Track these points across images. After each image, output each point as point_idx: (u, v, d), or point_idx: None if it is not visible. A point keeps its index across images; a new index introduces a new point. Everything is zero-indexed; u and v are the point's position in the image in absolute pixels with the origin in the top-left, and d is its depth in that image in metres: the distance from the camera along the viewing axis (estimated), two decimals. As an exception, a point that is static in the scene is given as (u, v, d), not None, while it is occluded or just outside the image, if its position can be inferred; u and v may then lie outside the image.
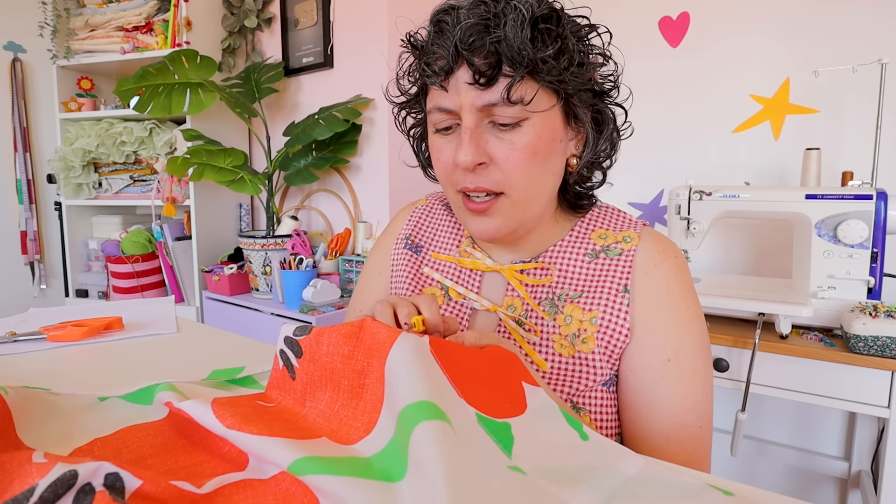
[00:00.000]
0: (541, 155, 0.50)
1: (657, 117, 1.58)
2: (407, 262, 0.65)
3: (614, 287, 0.54)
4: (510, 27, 0.45)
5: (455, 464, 0.29)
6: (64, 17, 1.89)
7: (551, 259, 0.58)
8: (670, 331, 0.52)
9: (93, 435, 0.38)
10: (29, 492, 0.25)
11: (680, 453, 0.51)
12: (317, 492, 0.30)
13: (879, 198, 1.03)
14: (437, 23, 0.50)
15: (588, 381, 0.52)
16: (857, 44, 1.31)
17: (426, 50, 0.51)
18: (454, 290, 0.60)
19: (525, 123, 0.49)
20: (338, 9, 1.80)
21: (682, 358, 0.52)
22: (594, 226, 0.59)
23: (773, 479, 1.53)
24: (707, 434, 0.53)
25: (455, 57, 0.48)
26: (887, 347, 0.94)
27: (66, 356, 0.62)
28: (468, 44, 0.46)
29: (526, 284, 0.57)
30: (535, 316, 0.55)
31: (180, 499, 0.29)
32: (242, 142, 2.08)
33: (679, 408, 0.51)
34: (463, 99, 0.49)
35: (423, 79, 0.54)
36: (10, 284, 2.11)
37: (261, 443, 0.33)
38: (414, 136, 0.64)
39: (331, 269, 1.72)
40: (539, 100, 0.49)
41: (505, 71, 0.47)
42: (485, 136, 0.50)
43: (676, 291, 0.54)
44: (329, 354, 0.40)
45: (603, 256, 0.56)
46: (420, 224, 0.68)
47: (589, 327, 0.53)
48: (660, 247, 0.56)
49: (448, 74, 0.49)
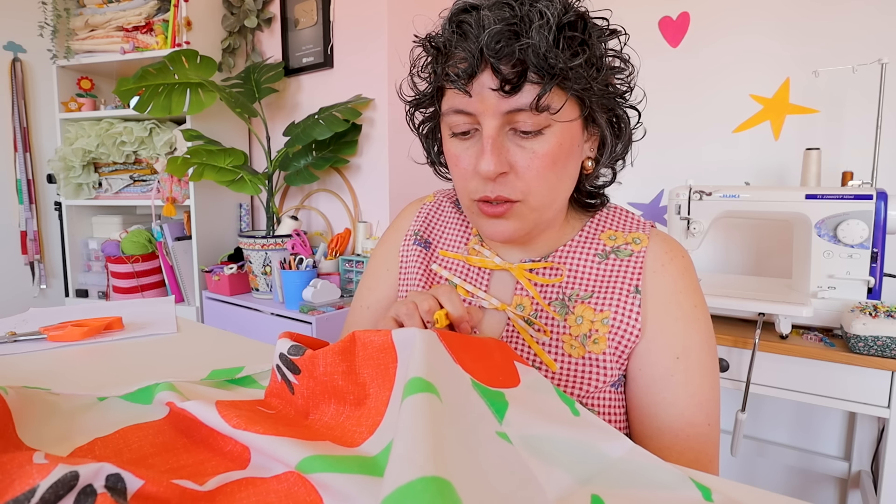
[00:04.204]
0: (560, 162, 0.50)
1: (657, 117, 1.58)
2: (417, 257, 0.64)
3: (626, 288, 0.54)
4: (536, 33, 0.44)
5: (435, 428, 0.29)
6: (64, 17, 1.89)
7: (561, 259, 0.57)
8: (678, 329, 0.53)
9: (93, 435, 0.38)
10: (30, 493, 0.25)
11: (688, 451, 0.50)
12: (322, 490, 0.30)
13: (879, 198, 1.03)
14: (459, 24, 0.48)
15: (598, 383, 0.52)
16: (857, 44, 1.31)
17: (447, 52, 0.49)
18: (462, 287, 0.60)
19: (547, 131, 0.48)
20: (338, 9, 1.80)
21: (690, 355, 0.52)
22: (604, 226, 0.59)
23: (773, 479, 1.53)
24: (715, 432, 0.53)
25: (479, 61, 0.46)
26: (887, 347, 0.94)
27: (66, 356, 0.62)
28: (496, 50, 0.45)
29: (536, 284, 0.57)
30: (546, 316, 0.55)
31: (182, 497, 0.29)
32: (242, 142, 2.08)
33: (688, 406, 0.51)
34: (486, 104, 0.47)
35: (441, 80, 0.52)
36: (10, 284, 2.11)
37: (268, 442, 0.33)
38: (422, 133, 0.63)
39: (331, 269, 1.72)
40: (566, 109, 0.48)
41: (531, 78, 0.45)
42: (506, 145, 0.49)
43: (684, 290, 0.54)
44: (328, 374, 0.40)
45: (613, 257, 0.56)
46: (429, 220, 0.67)
47: (601, 328, 0.53)
48: (667, 247, 0.56)
49: (471, 78, 0.47)
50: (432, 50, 0.52)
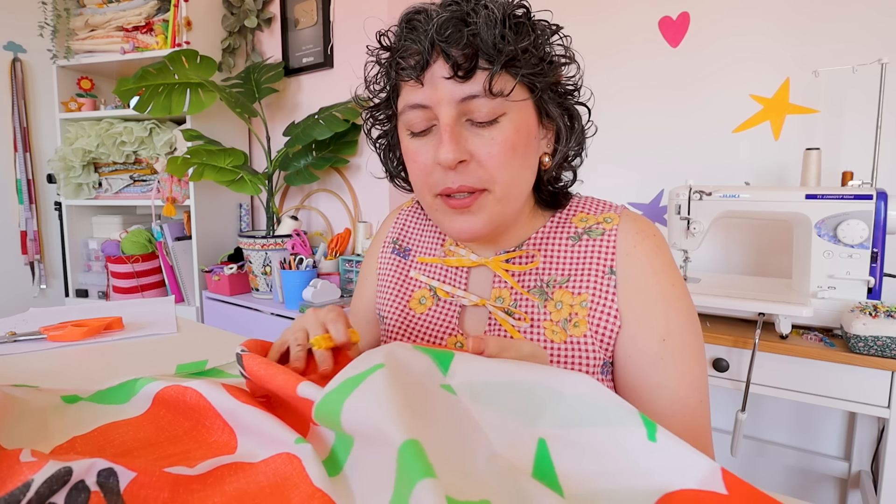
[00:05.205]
0: (520, 150, 0.51)
1: (657, 117, 1.58)
2: (393, 266, 0.66)
3: (600, 269, 0.54)
4: (483, 22, 0.46)
5: (384, 383, 0.30)
6: (64, 17, 1.89)
7: (535, 245, 0.58)
8: (660, 311, 0.53)
9: (70, 433, 0.38)
10: (25, 487, 0.25)
11: (685, 431, 0.51)
12: (307, 462, 0.31)
13: (879, 198, 1.03)
14: (409, 21, 0.50)
15: (582, 367, 0.53)
16: (857, 44, 1.31)
17: (398, 47, 0.51)
18: (441, 289, 0.61)
19: (502, 119, 0.49)
20: (338, 9, 1.80)
21: (675, 335, 0.53)
22: (575, 211, 0.60)
23: (773, 479, 1.53)
24: (706, 407, 0.53)
25: (430, 50, 0.48)
26: (887, 347, 0.94)
27: (66, 356, 0.62)
28: (445, 37, 0.47)
29: (512, 273, 0.58)
30: (526, 304, 0.56)
31: (176, 484, 0.29)
32: (242, 142, 2.08)
33: (680, 385, 0.52)
34: (441, 93, 0.48)
35: (395, 77, 0.53)
36: (10, 284, 2.11)
37: (271, 420, 0.35)
38: (380, 147, 0.63)
39: (331, 269, 1.72)
40: (517, 92, 0.49)
41: (482, 64, 0.47)
42: (463, 134, 0.50)
43: (660, 270, 0.54)
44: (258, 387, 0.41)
45: (586, 238, 0.56)
46: (406, 227, 0.69)
47: (580, 311, 0.53)
48: (637, 226, 0.56)
49: (423, 69, 0.49)
50: (384, 52, 0.54)
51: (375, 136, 0.62)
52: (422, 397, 0.32)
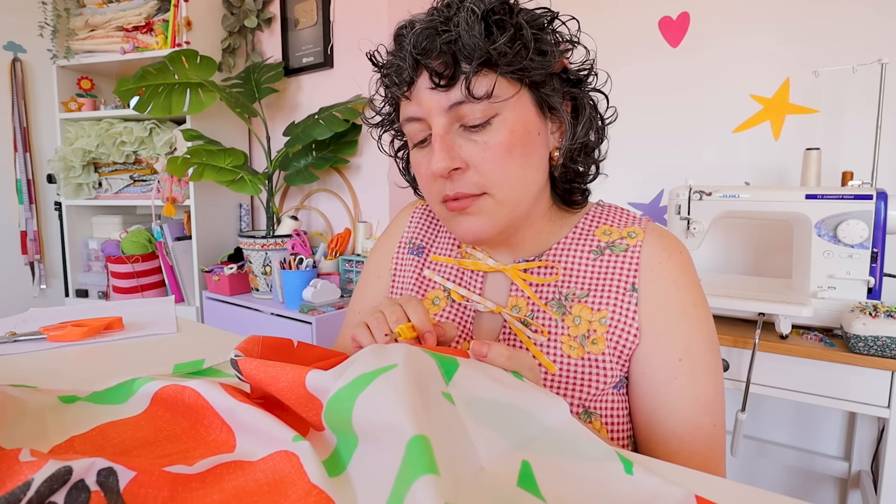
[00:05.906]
0: (517, 150, 0.50)
1: (657, 117, 1.58)
2: (411, 266, 0.64)
3: (622, 285, 0.53)
4: (463, 26, 0.46)
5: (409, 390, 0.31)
6: (64, 17, 1.89)
7: (555, 257, 0.56)
8: (680, 329, 0.51)
9: (68, 433, 0.38)
10: (25, 486, 0.25)
11: (695, 455, 0.49)
12: (305, 460, 0.31)
13: (879, 198, 1.03)
14: (396, 37, 0.51)
15: (599, 385, 0.51)
16: (857, 44, 1.31)
17: (387, 64, 0.52)
18: (456, 292, 0.59)
19: (495, 120, 0.49)
20: (338, 9, 1.80)
21: (693, 356, 0.51)
22: (597, 222, 0.58)
23: (773, 479, 1.53)
24: (721, 433, 0.51)
25: (414, 65, 0.48)
26: (887, 347, 0.94)
27: (66, 356, 0.62)
28: (421, 49, 0.47)
29: (531, 284, 0.56)
30: (543, 316, 0.54)
31: (175, 483, 0.29)
32: (242, 142, 2.08)
33: (692, 409, 0.50)
34: (428, 104, 0.49)
35: (390, 94, 0.54)
36: (10, 284, 2.11)
37: (269, 419, 0.35)
38: (402, 158, 0.64)
39: (331, 269, 1.72)
40: (500, 89, 0.48)
41: (463, 69, 0.47)
42: (457, 141, 0.49)
43: (683, 289, 0.53)
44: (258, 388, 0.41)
45: (608, 253, 0.55)
46: (421, 225, 0.67)
47: (598, 328, 0.52)
48: (664, 243, 0.54)
49: (410, 84, 0.49)
50: (378, 68, 0.54)
51: (397, 147, 0.63)
52: (427, 400, 0.32)
